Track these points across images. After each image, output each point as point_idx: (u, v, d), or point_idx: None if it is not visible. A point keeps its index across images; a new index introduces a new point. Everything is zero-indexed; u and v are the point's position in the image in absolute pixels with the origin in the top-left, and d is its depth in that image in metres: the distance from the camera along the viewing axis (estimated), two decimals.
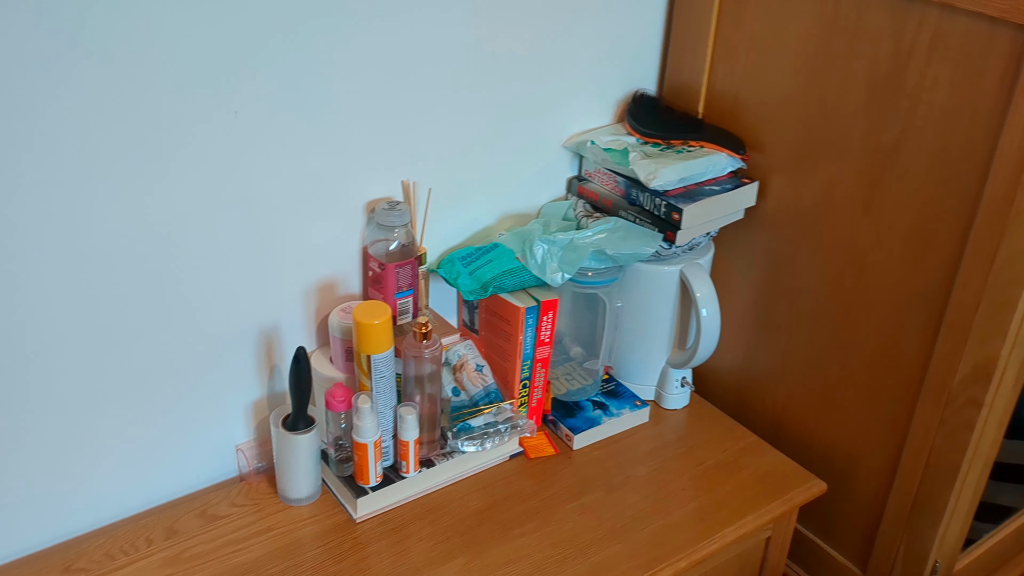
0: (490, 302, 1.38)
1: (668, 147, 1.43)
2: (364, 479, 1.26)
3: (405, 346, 1.25)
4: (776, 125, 1.37)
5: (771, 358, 1.50)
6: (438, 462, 1.31)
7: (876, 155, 1.24)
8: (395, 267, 1.27)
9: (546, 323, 1.36)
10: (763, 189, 1.42)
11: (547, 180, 1.48)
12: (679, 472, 1.39)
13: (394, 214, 1.25)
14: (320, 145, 1.20)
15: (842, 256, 1.33)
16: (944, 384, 1.24)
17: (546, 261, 1.34)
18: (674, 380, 1.50)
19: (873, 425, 1.37)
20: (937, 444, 1.28)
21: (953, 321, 1.21)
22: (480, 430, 1.35)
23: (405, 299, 1.30)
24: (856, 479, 1.42)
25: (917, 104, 1.18)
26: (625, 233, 1.37)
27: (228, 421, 1.31)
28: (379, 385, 1.23)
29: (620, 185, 1.42)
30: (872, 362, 1.34)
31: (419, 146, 1.30)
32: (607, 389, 1.51)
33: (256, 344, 1.28)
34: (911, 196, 1.22)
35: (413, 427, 1.25)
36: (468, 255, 1.37)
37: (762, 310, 1.49)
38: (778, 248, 1.43)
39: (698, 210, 1.35)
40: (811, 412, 1.46)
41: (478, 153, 1.37)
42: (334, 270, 1.30)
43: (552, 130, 1.45)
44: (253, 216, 1.19)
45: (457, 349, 1.41)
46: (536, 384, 1.41)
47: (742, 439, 1.47)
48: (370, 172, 1.27)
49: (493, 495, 1.32)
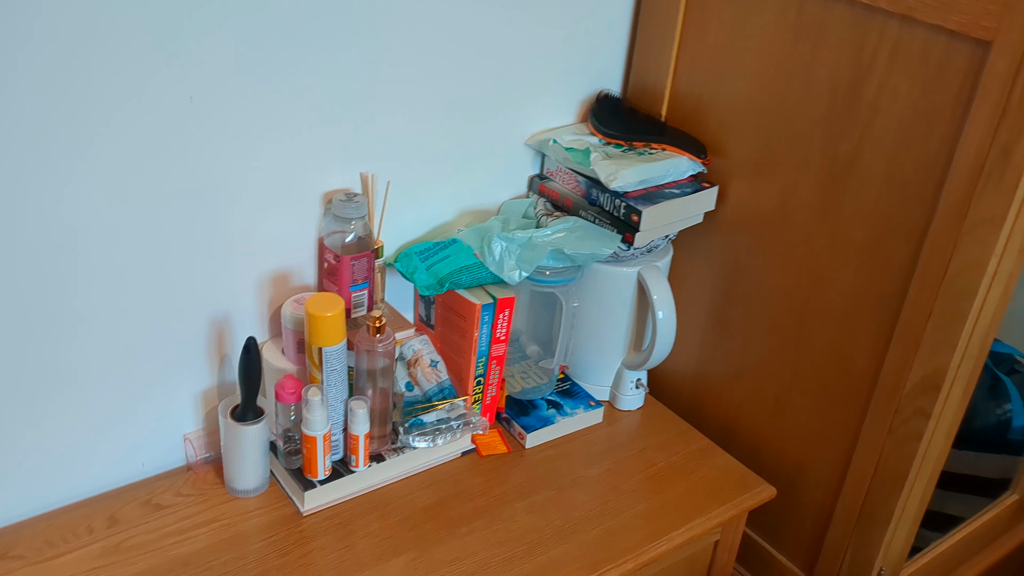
0: (447, 298, 1.37)
1: (630, 148, 1.43)
2: (312, 472, 1.25)
3: (358, 339, 1.24)
4: (737, 130, 1.37)
5: (726, 362, 1.50)
6: (388, 457, 1.30)
7: (834, 163, 1.25)
8: (351, 259, 1.25)
9: (502, 321, 1.36)
10: (723, 194, 1.42)
11: (508, 177, 1.48)
12: (630, 473, 1.39)
13: (351, 206, 1.24)
14: (277, 134, 1.19)
15: (798, 263, 1.34)
16: (894, 394, 1.25)
17: (504, 259, 1.33)
18: (629, 381, 1.50)
19: (823, 432, 1.38)
20: (885, 453, 1.29)
21: (904, 331, 1.22)
22: (432, 426, 1.34)
23: (360, 292, 1.29)
24: (805, 485, 1.43)
25: (876, 114, 1.18)
26: (584, 233, 1.37)
27: (177, 410, 1.29)
28: (330, 378, 1.21)
29: (581, 185, 1.42)
30: (824, 370, 1.35)
31: (379, 138, 1.29)
32: (562, 388, 1.51)
33: (207, 333, 1.26)
34: (867, 205, 1.23)
35: (364, 421, 1.24)
36: (426, 250, 1.36)
37: (718, 314, 1.49)
38: (736, 253, 1.43)
39: (657, 213, 1.35)
40: (763, 417, 1.46)
41: (439, 148, 1.36)
42: (289, 261, 1.29)
43: (515, 127, 1.44)
44: (205, 204, 1.17)
45: (412, 344, 1.40)
46: (491, 381, 1.41)
47: (694, 442, 1.47)
48: (328, 163, 1.26)
49: (443, 492, 1.32)
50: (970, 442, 1.72)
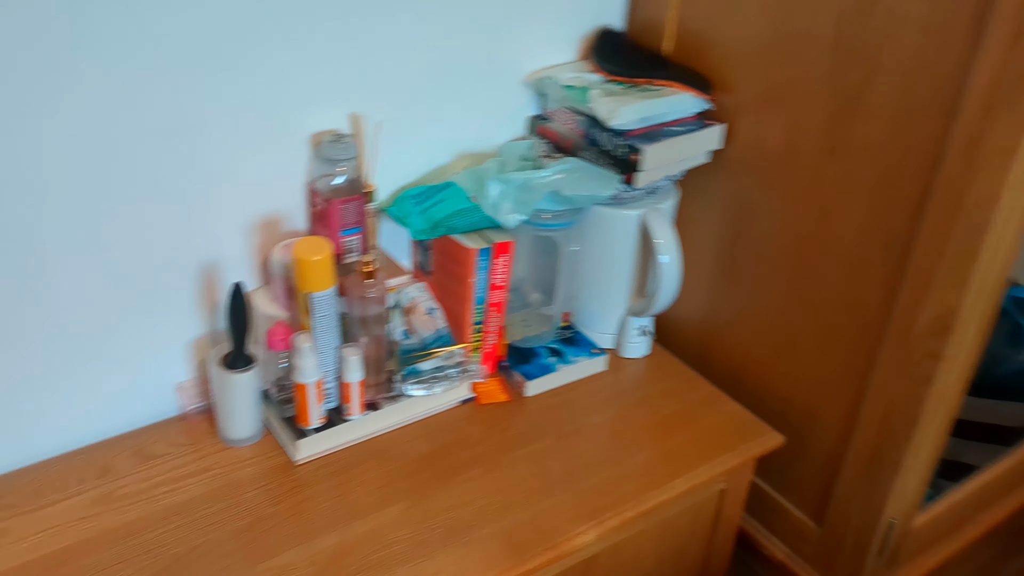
0: (442, 244, 1.34)
1: (632, 86, 1.37)
2: (305, 421, 1.22)
3: (349, 286, 1.21)
4: (743, 64, 1.32)
5: (733, 307, 1.46)
6: (384, 405, 1.28)
7: (842, 96, 1.19)
8: (340, 203, 1.22)
9: (500, 266, 1.32)
10: (730, 132, 1.37)
11: (506, 118, 1.43)
12: (633, 422, 1.35)
13: (339, 147, 1.20)
14: (261, 72, 1.15)
15: (806, 202, 1.29)
16: (904, 336, 1.20)
17: (500, 202, 1.29)
18: (633, 329, 1.46)
19: (832, 378, 1.33)
20: (895, 397, 1.24)
21: (915, 271, 1.17)
22: (429, 374, 1.31)
23: (351, 237, 1.25)
24: (814, 432, 1.39)
25: (885, 40, 1.12)
26: (583, 174, 1.33)
27: (168, 359, 1.27)
28: (320, 324, 1.18)
29: (580, 125, 1.37)
30: (833, 313, 1.30)
31: (370, 78, 1.25)
32: (564, 336, 1.47)
33: (196, 280, 1.23)
34: (876, 139, 1.17)
35: (356, 369, 1.21)
36: (420, 194, 1.32)
37: (725, 258, 1.44)
38: (743, 194, 1.38)
39: (659, 151, 1.30)
40: (771, 363, 1.42)
41: (433, 88, 1.32)
42: (277, 205, 1.25)
43: (512, 66, 1.39)
44: (187, 145, 1.14)
45: (408, 291, 1.37)
46: (489, 329, 1.37)
47: (700, 389, 1.43)
48: (316, 103, 1.22)
49: (440, 440, 1.29)
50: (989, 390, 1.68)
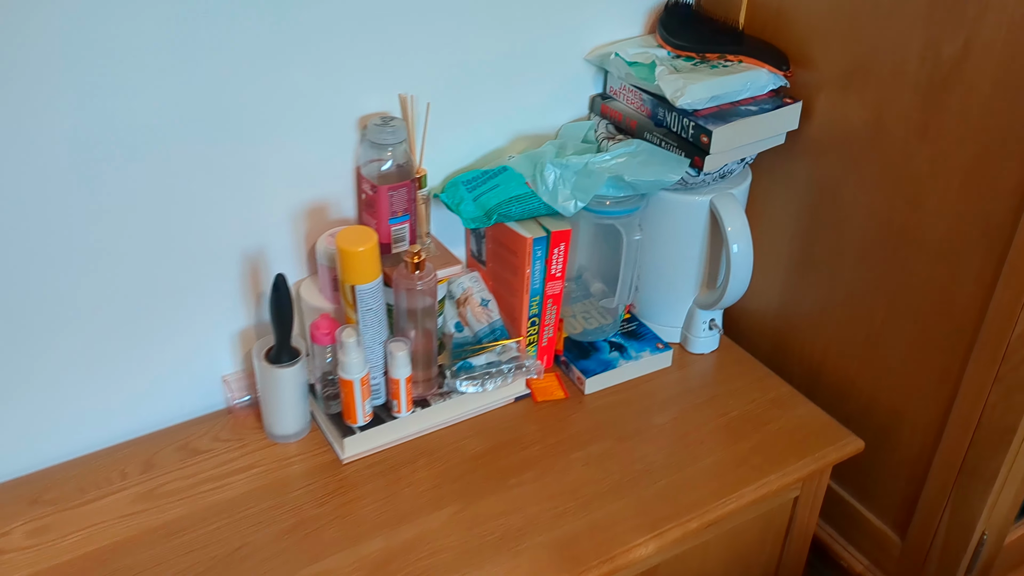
0: (497, 232, 1.27)
1: (702, 61, 1.27)
2: (351, 418, 1.17)
3: (396, 276, 1.15)
4: (824, 37, 1.20)
5: (811, 300, 1.35)
6: (434, 402, 1.22)
7: (936, 71, 1.08)
8: (388, 190, 1.15)
9: (557, 255, 1.24)
10: (807, 110, 1.26)
11: (567, 97, 1.34)
12: (700, 423, 1.27)
13: (387, 131, 1.14)
14: (304, 53, 1.09)
15: (893, 187, 1.18)
16: (1002, 337, 1.09)
17: (558, 187, 1.21)
18: (701, 322, 1.37)
19: (920, 379, 1.22)
20: (991, 404, 1.13)
21: (1016, 264, 1.05)
22: (482, 369, 1.24)
23: (400, 225, 1.19)
24: (899, 436, 1.28)
25: (986, 10, 1.01)
26: (647, 158, 1.24)
27: (213, 350, 1.23)
28: (366, 318, 1.13)
29: (646, 104, 1.28)
30: (922, 308, 1.19)
31: (419, 55, 1.18)
32: (627, 330, 1.39)
33: (240, 270, 1.19)
34: (975, 119, 1.06)
35: (404, 364, 1.15)
36: (473, 179, 1.25)
37: (802, 246, 1.34)
38: (822, 177, 1.27)
39: (730, 132, 1.20)
40: (852, 361, 1.32)
41: (488, 65, 1.24)
42: (324, 192, 1.20)
43: (573, 41, 1.30)
44: (230, 130, 1.08)
45: (461, 281, 1.30)
46: (547, 322, 1.30)
47: (773, 389, 1.33)
48: (363, 84, 1.15)
49: (493, 440, 1.22)
50: None
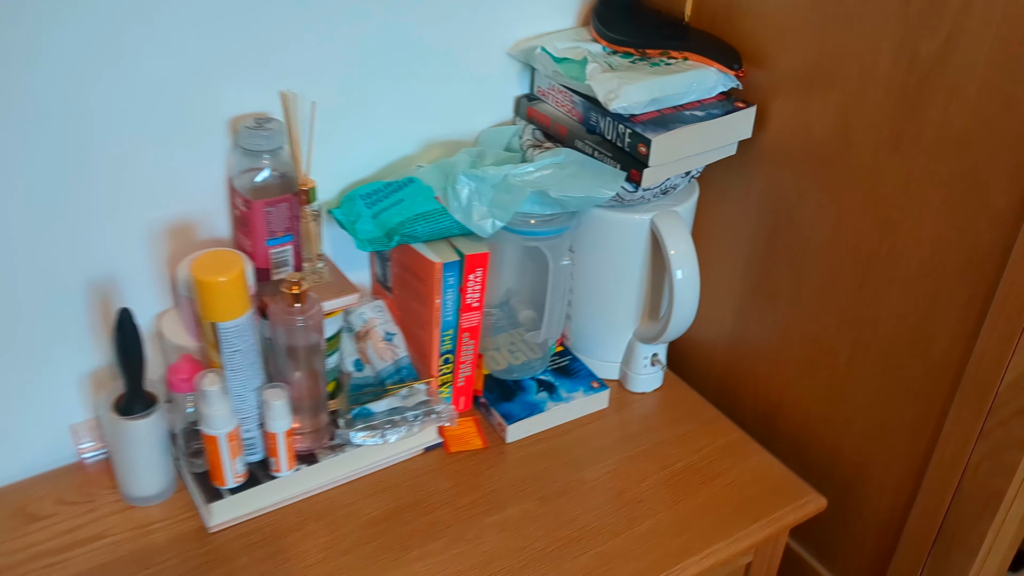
0: (403, 255, 1.08)
1: (642, 58, 1.10)
2: (219, 479, 0.98)
3: (272, 311, 0.96)
4: (782, 32, 1.04)
5: (766, 334, 1.18)
6: (323, 457, 1.03)
7: (912, 71, 0.91)
8: (264, 205, 0.97)
9: (473, 283, 1.06)
10: (763, 116, 1.09)
11: (488, 98, 1.17)
12: (639, 477, 1.09)
13: (262, 135, 0.95)
14: (156, 41, 0.90)
15: (861, 207, 1.01)
16: (988, 385, 0.93)
17: (472, 203, 1.03)
18: (642, 357, 1.20)
19: (891, 428, 1.06)
20: (974, 463, 0.97)
21: (1006, 301, 0.89)
22: (383, 417, 1.05)
23: (281, 247, 1.00)
24: (867, 493, 1.11)
25: (972, 2, 0.84)
26: (577, 170, 1.06)
27: (58, 395, 1.03)
28: (232, 361, 0.93)
29: (578, 107, 1.10)
30: (894, 348, 1.03)
31: (306, 45, 0.99)
32: (559, 365, 1.21)
33: (87, 301, 0.99)
34: (958, 127, 0.89)
35: (282, 415, 0.96)
36: (374, 192, 1.07)
37: (757, 273, 1.17)
38: (779, 194, 1.11)
39: (673, 141, 1.03)
40: (813, 405, 1.15)
41: (391, 59, 1.06)
42: (190, 208, 1.00)
43: (495, 33, 1.12)
44: (69, 133, 0.89)
45: (362, 312, 1.12)
46: (463, 359, 1.12)
47: (723, 435, 1.16)
48: (235, 78, 0.96)
49: (395, 500, 1.04)
50: None
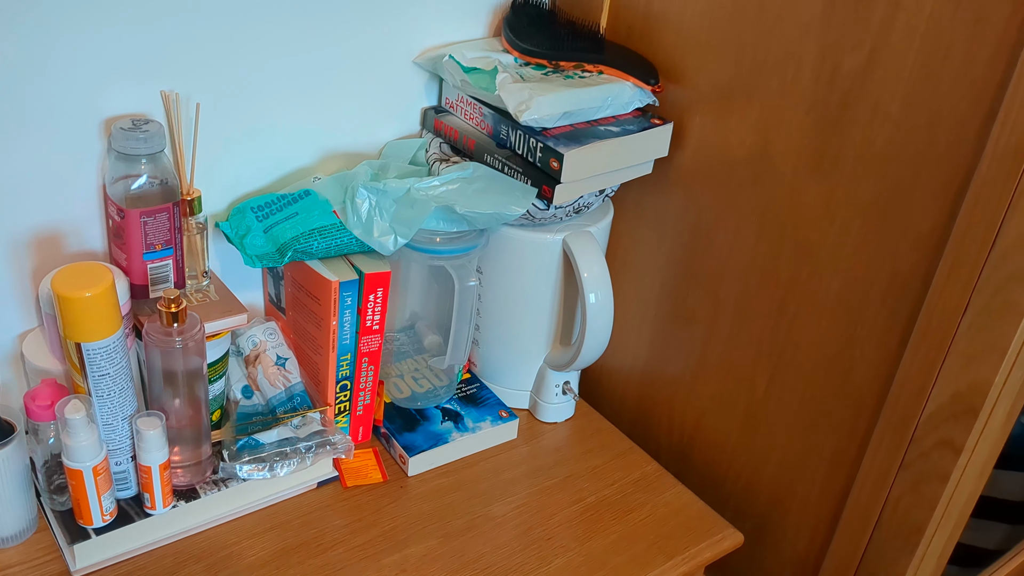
0: (297, 273, 1.00)
1: (555, 70, 1.05)
2: (85, 518, 0.88)
3: (148, 330, 0.87)
4: (700, 46, 1.00)
5: (682, 361, 1.14)
6: (205, 493, 0.94)
7: (833, 87, 0.88)
8: (141, 214, 0.88)
9: (374, 304, 0.99)
10: (679, 133, 1.05)
11: (393, 109, 1.10)
12: (548, 512, 1.03)
13: (138, 137, 0.86)
14: (24, 28, 0.81)
15: (780, 230, 0.97)
16: (909, 416, 0.89)
17: (372, 218, 0.96)
18: (553, 385, 1.14)
19: (808, 461, 1.02)
20: (895, 496, 0.93)
21: (928, 329, 0.86)
22: (272, 448, 0.97)
23: (161, 262, 0.91)
24: (784, 528, 1.07)
25: (896, 11, 0.81)
26: (486, 185, 1.00)
27: None
28: (99, 386, 0.84)
29: (487, 120, 1.04)
30: (812, 377, 0.99)
31: (191, 40, 0.91)
32: (465, 393, 1.14)
33: None
34: (879, 147, 0.86)
35: (157, 447, 0.87)
36: (266, 204, 0.99)
37: (673, 297, 1.12)
38: (697, 215, 1.06)
39: (586, 157, 0.98)
40: (730, 436, 1.10)
41: (287, 60, 0.98)
42: (58, 216, 0.91)
43: (401, 39, 1.06)
44: None
45: (252, 334, 1.03)
46: (361, 387, 1.04)
47: (638, 467, 1.11)
48: (109, 74, 0.88)
49: (284, 540, 0.95)
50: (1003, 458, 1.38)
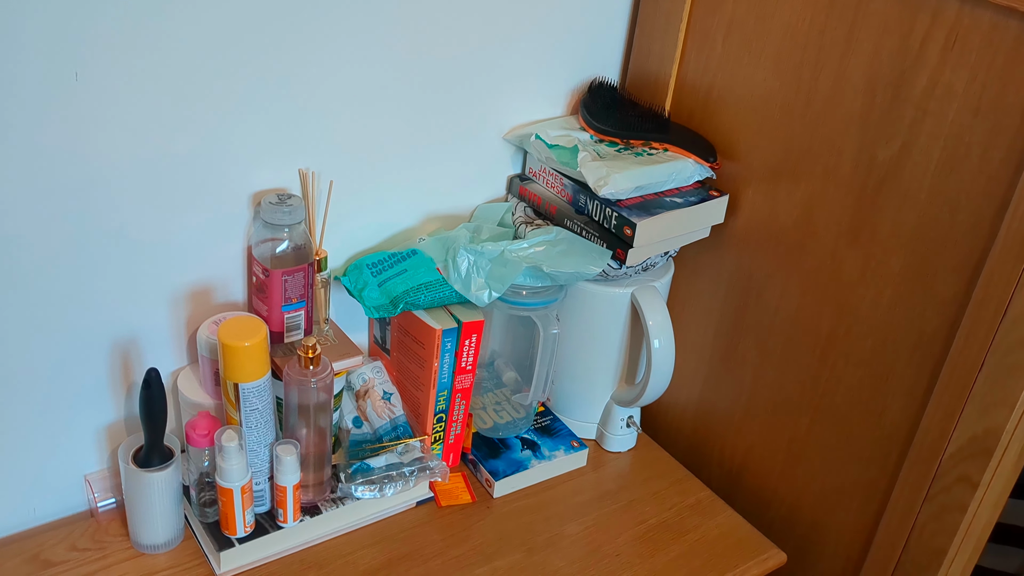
0: (403, 320, 1.16)
1: (626, 147, 1.21)
2: (230, 528, 1.04)
3: (288, 371, 1.03)
4: (754, 129, 1.15)
5: (733, 400, 1.28)
6: (326, 509, 1.10)
7: (870, 173, 1.03)
8: (282, 274, 1.04)
9: (468, 348, 1.15)
10: (734, 204, 1.20)
11: (484, 177, 1.26)
12: (615, 532, 1.18)
13: (283, 210, 1.03)
14: (192, 121, 0.98)
15: (822, 290, 1.12)
16: (933, 455, 1.03)
17: (471, 275, 1.12)
18: (619, 419, 1.29)
19: (845, 491, 1.16)
20: (920, 523, 1.07)
21: (949, 381, 1.00)
22: (381, 472, 1.13)
23: (295, 313, 1.08)
24: (821, 552, 1.21)
25: (924, 115, 0.96)
26: (568, 247, 1.16)
27: (76, 446, 1.08)
28: (250, 419, 1.01)
29: (568, 189, 1.20)
30: (849, 417, 1.13)
31: (323, 127, 1.08)
32: (541, 424, 1.30)
33: (110, 358, 1.05)
34: (909, 226, 1.01)
35: (293, 470, 1.03)
36: (380, 262, 1.15)
37: (726, 344, 1.27)
38: (747, 274, 1.21)
39: (655, 225, 1.13)
40: (775, 467, 1.25)
41: (398, 140, 1.15)
42: (210, 273, 1.08)
43: (492, 119, 1.22)
44: (99, 201, 0.96)
45: (362, 372, 1.19)
46: (454, 418, 1.20)
47: (693, 493, 1.25)
48: (258, 157, 1.05)
49: (390, 551, 1.11)
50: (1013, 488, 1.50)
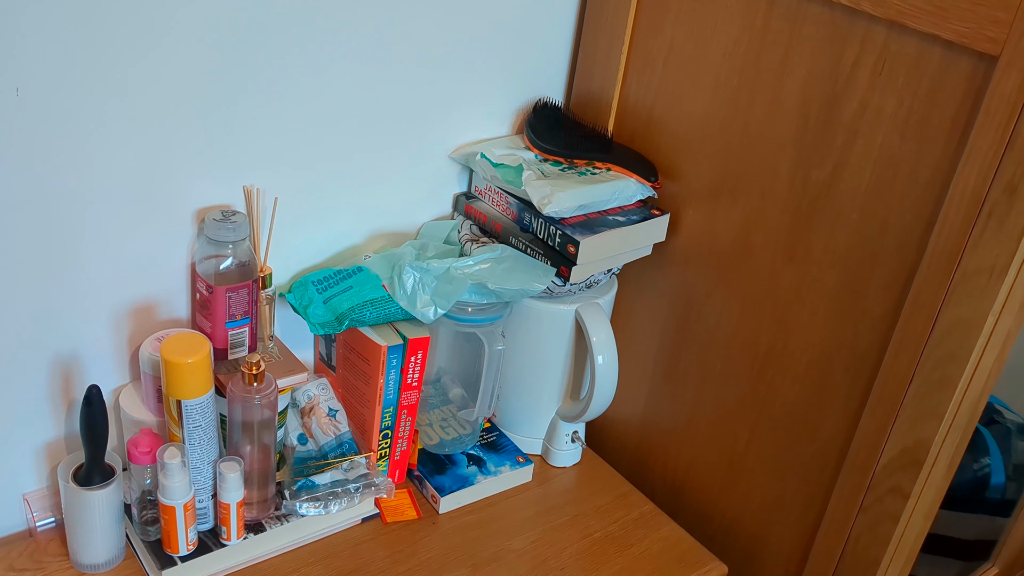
0: (349, 337, 1.17)
1: (570, 167, 1.23)
2: (173, 547, 1.03)
3: (231, 388, 1.03)
4: (694, 150, 1.18)
5: (675, 415, 1.31)
6: (270, 527, 1.09)
7: (804, 193, 1.06)
8: (227, 291, 1.04)
9: (414, 364, 1.15)
10: (675, 223, 1.23)
11: (430, 195, 1.27)
12: (561, 546, 1.19)
13: (227, 227, 1.03)
14: (135, 137, 0.98)
15: (759, 308, 1.15)
16: (866, 467, 1.06)
17: (416, 292, 1.13)
18: (564, 434, 1.30)
19: (784, 503, 1.19)
20: (855, 533, 1.10)
21: (881, 395, 1.03)
22: (326, 489, 1.13)
23: (239, 329, 1.08)
24: (763, 562, 1.23)
25: (855, 137, 1.00)
26: (512, 264, 1.17)
27: (13, 465, 1.07)
28: (193, 436, 1.00)
29: (512, 207, 1.22)
30: (787, 432, 1.16)
31: (268, 145, 1.08)
32: (487, 440, 1.31)
33: (49, 375, 1.04)
34: (841, 244, 1.04)
35: (236, 487, 1.03)
36: (325, 279, 1.15)
37: (668, 360, 1.30)
38: (688, 291, 1.24)
39: (598, 243, 1.16)
40: (716, 480, 1.27)
41: (344, 157, 1.16)
42: (153, 290, 1.07)
43: (438, 137, 1.24)
44: (43, 219, 0.96)
45: (307, 389, 1.19)
46: (400, 435, 1.20)
47: (636, 507, 1.27)
48: (202, 173, 1.05)
49: (336, 568, 1.11)
50: (944, 500, 1.55)
